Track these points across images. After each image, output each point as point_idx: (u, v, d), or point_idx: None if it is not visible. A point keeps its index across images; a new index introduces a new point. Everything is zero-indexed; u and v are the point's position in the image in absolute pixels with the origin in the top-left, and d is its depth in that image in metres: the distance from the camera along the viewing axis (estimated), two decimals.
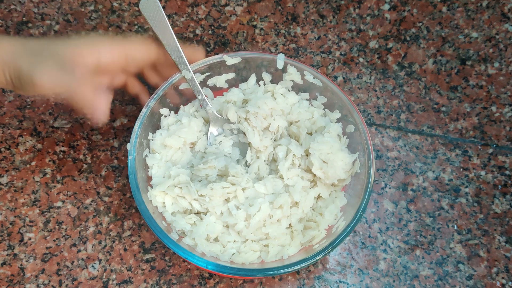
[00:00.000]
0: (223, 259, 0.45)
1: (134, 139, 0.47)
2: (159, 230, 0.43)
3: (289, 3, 0.66)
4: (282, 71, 0.52)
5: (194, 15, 0.65)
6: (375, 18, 0.65)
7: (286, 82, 0.53)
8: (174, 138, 0.49)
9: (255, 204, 0.46)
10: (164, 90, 0.49)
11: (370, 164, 0.47)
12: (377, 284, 0.51)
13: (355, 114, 0.49)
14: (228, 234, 0.47)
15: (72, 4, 0.64)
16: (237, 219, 0.46)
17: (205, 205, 0.46)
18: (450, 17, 0.65)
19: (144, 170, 0.48)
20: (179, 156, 0.50)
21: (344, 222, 0.45)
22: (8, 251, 0.51)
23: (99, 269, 0.50)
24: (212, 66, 0.51)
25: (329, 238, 0.45)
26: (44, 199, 0.53)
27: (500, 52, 0.63)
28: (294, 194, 0.47)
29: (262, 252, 0.47)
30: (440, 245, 0.53)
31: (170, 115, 0.51)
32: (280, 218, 0.47)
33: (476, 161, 0.57)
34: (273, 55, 0.52)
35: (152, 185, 0.48)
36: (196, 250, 0.44)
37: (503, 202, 0.55)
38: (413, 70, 0.62)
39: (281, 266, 0.42)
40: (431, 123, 0.59)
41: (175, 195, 0.47)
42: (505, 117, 0.60)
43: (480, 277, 0.52)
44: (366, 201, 0.45)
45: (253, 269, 0.43)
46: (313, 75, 0.51)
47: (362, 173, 0.48)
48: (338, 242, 0.43)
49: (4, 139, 0.56)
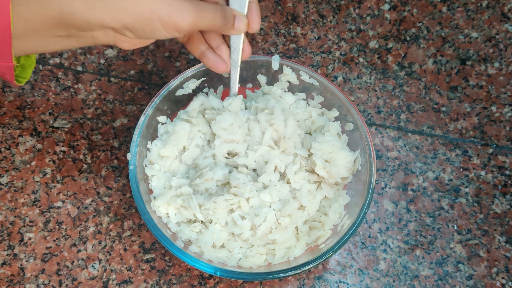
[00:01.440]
0: (230, 264, 0.45)
1: (134, 148, 0.47)
2: (165, 239, 0.43)
3: (289, 3, 0.66)
4: (277, 72, 0.52)
5: None
6: (375, 18, 0.65)
7: (282, 83, 0.53)
8: (168, 148, 0.48)
9: (260, 214, 0.45)
10: (161, 97, 0.49)
11: (371, 161, 0.47)
12: (377, 284, 0.51)
13: (353, 111, 0.49)
14: (234, 241, 0.47)
15: None
16: (243, 229, 0.45)
17: (209, 217, 0.46)
18: (450, 17, 0.65)
19: (145, 180, 0.48)
20: (177, 166, 0.49)
21: (349, 220, 0.46)
22: (8, 251, 0.51)
23: (99, 269, 0.50)
24: (207, 70, 0.51)
25: (334, 237, 0.45)
26: (44, 199, 0.53)
27: (500, 52, 0.63)
28: (301, 198, 0.47)
29: (269, 255, 0.47)
30: (440, 245, 0.53)
31: (167, 123, 0.51)
32: (287, 225, 0.47)
33: (476, 161, 0.57)
34: (267, 56, 0.52)
35: (155, 196, 0.47)
36: (203, 257, 0.45)
37: (503, 202, 0.55)
38: (413, 70, 0.62)
39: (290, 268, 0.43)
40: (431, 123, 0.59)
41: (178, 206, 0.46)
42: (505, 117, 0.60)
43: (480, 277, 0.52)
44: (370, 197, 0.45)
45: (262, 273, 0.43)
46: (309, 75, 0.51)
47: (363, 171, 0.48)
48: (345, 240, 0.44)
49: (4, 139, 0.56)
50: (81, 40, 0.39)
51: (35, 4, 0.35)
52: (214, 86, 0.53)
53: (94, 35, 0.38)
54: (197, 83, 0.51)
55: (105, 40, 0.39)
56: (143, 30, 0.38)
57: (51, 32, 0.37)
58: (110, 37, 0.39)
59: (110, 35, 0.39)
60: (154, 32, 0.38)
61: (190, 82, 0.51)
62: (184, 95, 0.51)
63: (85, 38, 0.39)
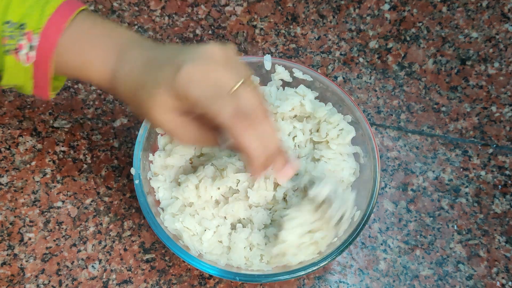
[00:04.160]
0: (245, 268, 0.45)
1: (137, 163, 0.46)
2: (179, 249, 0.43)
3: (289, 3, 0.66)
4: (270, 71, 0.52)
5: (194, 15, 0.65)
6: (375, 18, 0.65)
7: (275, 82, 0.53)
8: (174, 157, 0.48)
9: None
10: None
11: (374, 156, 0.47)
12: (377, 284, 0.51)
13: (349, 102, 0.50)
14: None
15: None
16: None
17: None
18: (450, 17, 0.65)
19: (151, 193, 0.48)
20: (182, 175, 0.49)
21: (359, 211, 0.46)
22: (8, 251, 0.51)
23: (99, 269, 0.50)
24: None
25: (346, 231, 0.45)
26: (44, 199, 0.53)
27: (500, 52, 0.63)
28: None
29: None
30: (440, 245, 0.53)
31: (165, 134, 0.50)
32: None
33: (476, 161, 0.57)
34: (259, 57, 0.52)
35: (162, 207, 0.48)
36: (218, 263, 0.45)
37: (503, 202, 0.55)
38: (413, 70, 0.62)
39: (308, 265, 0.43)
40: (431, 123, 0.59)
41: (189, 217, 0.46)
42: (505, 117, 0.60)
43: (480, 277, 0.52)
44: (377, 187, 0.46)
45: (280, 273, 0.43)
46: (302, 71, 0.51)
47: (366, 171, 0.48)
48: (358, 232, 0.44)
49: (4, 139, 0.56)
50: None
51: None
52: None
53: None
54: None
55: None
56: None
57: None
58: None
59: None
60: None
61: None
62: None
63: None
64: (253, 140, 0.36)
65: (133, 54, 0.39)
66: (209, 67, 0.36)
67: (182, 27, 0.64)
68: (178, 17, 0.65)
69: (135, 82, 0.38)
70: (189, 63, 0.35)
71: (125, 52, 0.39)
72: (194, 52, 0.37)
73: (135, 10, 0.64)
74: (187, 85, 0.35)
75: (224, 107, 0.35)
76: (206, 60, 0.36)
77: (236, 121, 0.35)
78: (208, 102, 0.35)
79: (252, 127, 0.36)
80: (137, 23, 0.64)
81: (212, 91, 0.35)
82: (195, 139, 0.40)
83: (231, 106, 0.35)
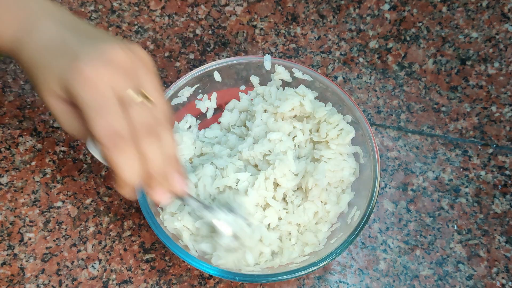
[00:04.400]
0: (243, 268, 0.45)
1: None
2: (180, 250, 0.43)
3: (289, 3, 0.66)
4: (270, 71, 0.52)
5: (194, 15, 0.65)
6: (375, 18, 0.65)
7: (275, 82, 0.53)
8: None
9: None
10: None
11: (374, 156, 0.47)
12: (377, 284, 0.51)
13: (348, 102, 0.50)
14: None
15: (72, 4, 0.64)
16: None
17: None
18: (450, 17, 0.65)
19: None
20: None
21: (359, 211, 0.46)
22: (8, 251, 0.51)
23: (99, 269, 0.50)
24: (200, 77, 0.51)
25: (346, 231, 0.45)
26: (44, 199, 0.53)
27: (500, 52, 0.63)
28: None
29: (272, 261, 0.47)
30: (440, 245, 0.53)
31: None
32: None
33: (476, 161, 0.57)
34: (258, 57, 0.52)
35: (162, 207, 0.48)
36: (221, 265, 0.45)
37: (503, 202, 0.55)
38: (413, 70, 0.62)
39: (308, 265, 0.43)
40: (431, 123, 0.59)
41: (188, 218, 0.46)
42: (505, 117, 0.60)
43: (480, 277, 0.52)
44: (377, 187, 0.46)
45: (280, 273, 0.43)
46: (302, 71, 0.52)
47: (366, 171, 0.48)
48: (358, 232, 0.44)
49: (4, 139, 0.56)
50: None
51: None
52: (207, 91, 0.54)
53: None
54: (191, 91, 0.52)
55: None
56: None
57: None
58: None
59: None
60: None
61: (185, 90, 0.51)
62: (180, 103, 0.52)
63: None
64: (124, 163, 0.34)
65: (46, 25, 0.36)
66: (105, 71, 0.33)
67: (182, 27, 0.64)
68: (178, 17, 0.65)
69: (36, 58, 0.35)
70: (86, 60, 0.33)
71: (37, 19, 0.36)
72: (96, 49, 0.34)
73: (135, 10, 0.64)
74: (75, 83, 0.33)
75: (102, 122, 0.33)
76: (105, 62, 0.33)
77: (110, 142, 0.33)
78: (89, 110, 0.33)
79: (128, 150, 0.33)
80: (137, 23, 0.64)
81: (97, 99, 0.33)
82: (76, 131, 0.38)
83: (112, 122, 0.33)
